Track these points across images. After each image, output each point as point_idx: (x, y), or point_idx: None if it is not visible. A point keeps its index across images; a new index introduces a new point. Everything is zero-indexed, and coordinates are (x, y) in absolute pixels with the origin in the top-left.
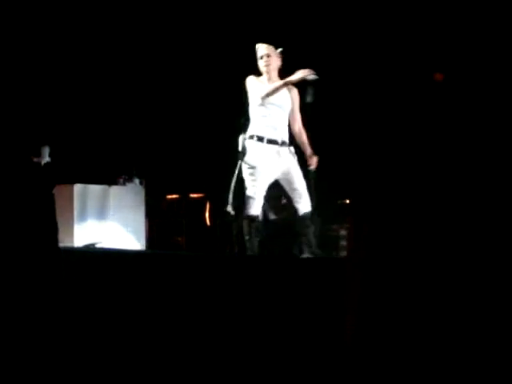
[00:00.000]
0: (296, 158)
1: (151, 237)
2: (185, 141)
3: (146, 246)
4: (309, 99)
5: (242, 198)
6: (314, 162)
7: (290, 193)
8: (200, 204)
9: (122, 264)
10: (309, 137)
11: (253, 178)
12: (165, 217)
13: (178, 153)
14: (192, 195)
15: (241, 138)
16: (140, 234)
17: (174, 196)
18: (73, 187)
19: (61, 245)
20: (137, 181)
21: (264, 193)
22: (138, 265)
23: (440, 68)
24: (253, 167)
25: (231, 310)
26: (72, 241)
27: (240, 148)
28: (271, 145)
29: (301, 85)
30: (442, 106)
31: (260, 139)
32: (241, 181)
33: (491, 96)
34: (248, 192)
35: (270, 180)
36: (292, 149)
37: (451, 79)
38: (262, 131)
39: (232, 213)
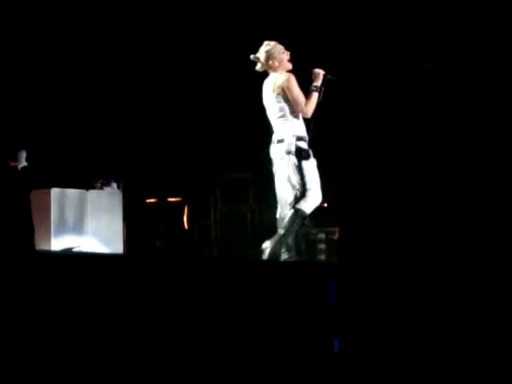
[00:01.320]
0: None
1: (129, 241)
2: (163, 145)
3: (124, 250)
4: (319, 98)
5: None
6: None
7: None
8: (178, 208)
9: (99, 268)
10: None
11: (310, 175)
12: (142, 221)
13: (155, 157)
14: (170, 199)
15: (289, 139)
16: (118, 237)
17: (152, 200)
18: (50, 191)
19: (38, 249)
20: (114, 185)
21: None
22: (115, 269)
23: (430, 58)
24: (309, 165)
25: (210, 314)
26: (49, 245)
27: (294, 149)
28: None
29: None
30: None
31: (304, 139)
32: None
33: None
34: (311, 188)
35: None
36: None
37: (441, 72)
38: (304, 131)
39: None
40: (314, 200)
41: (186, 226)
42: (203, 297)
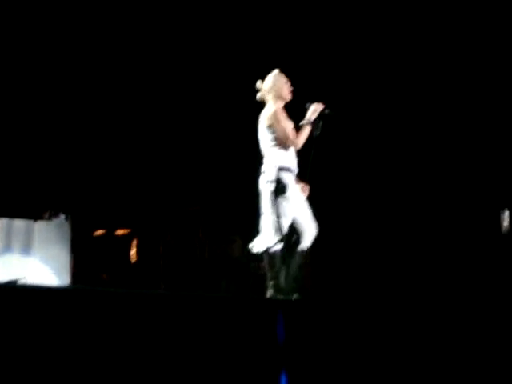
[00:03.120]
0: None
1: (76, 273)
2: (112, 177)
3: (71, 282)
4: (317, 133)
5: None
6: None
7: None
8: (126, 240)
9: (45, 300)
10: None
11: (287, 209)
12: (90, 253)
13: (105, 188)
14: (118, 231)
15: (271, 168)
16: (65, 269)
17: (100, 232)
18: None
19: None
20: (62, 216)
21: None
22: (62, 301)
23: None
24: (288, 198)
25: (156, 348)
26: None
27: (274, 179)
28: (294, 177)
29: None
30: None
31: (290, 170)
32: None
33: None
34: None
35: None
36: None
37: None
38: (290, 162)
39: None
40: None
41: (134, 259)
42: (150, 330)
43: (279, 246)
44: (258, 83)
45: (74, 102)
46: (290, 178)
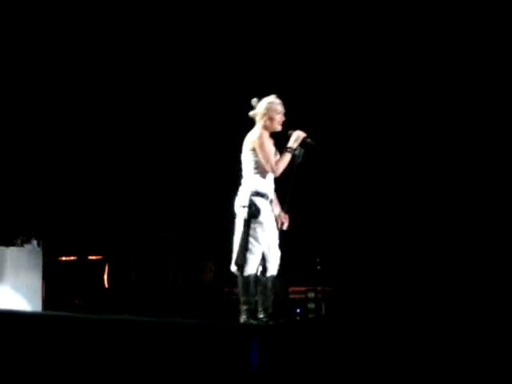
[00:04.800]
0: None
1: (48, 298)
2: (84, 202)
3: (43, 308)
4: (298, 161)
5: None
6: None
7: None
8: (98, 266)
9: (17, 326)
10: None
11: (260, 235)
12: (62, 279)
13: (76, 214)
14: (90, 257)
15: (245, 193)
16: (37, 295)
17: (72, 258)
18: None
19: None
20: (34, 242)
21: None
22: (33, 326)
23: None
24: (262, 224)
25: (130, 374)
26: None
27: (247, 203)
28: (269, 203)
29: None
30: None
31: (265, 196)
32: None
33: None
34: (252, 249)
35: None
36: None
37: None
38: (267, 188)
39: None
40: (254, 262)
41: (107, 285)
42: (123, 357)
43: (252, 271)
44: (253, 101)
45: (38, 128)
46: (264, 204)
